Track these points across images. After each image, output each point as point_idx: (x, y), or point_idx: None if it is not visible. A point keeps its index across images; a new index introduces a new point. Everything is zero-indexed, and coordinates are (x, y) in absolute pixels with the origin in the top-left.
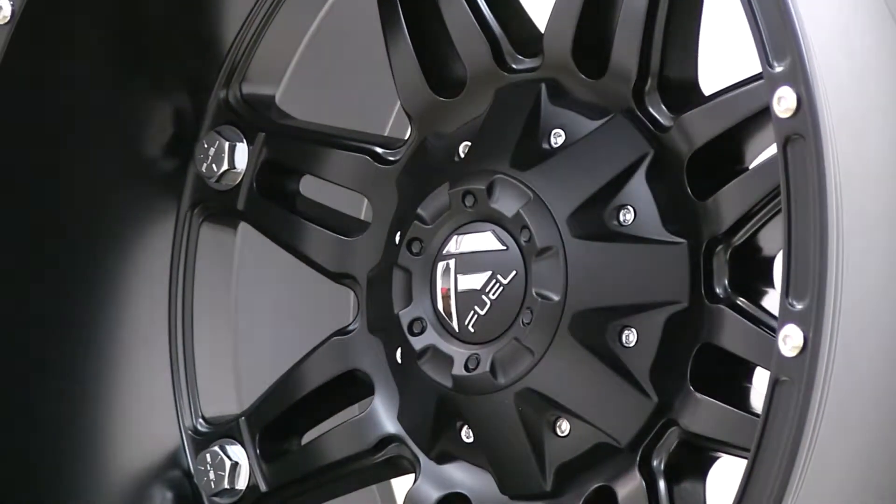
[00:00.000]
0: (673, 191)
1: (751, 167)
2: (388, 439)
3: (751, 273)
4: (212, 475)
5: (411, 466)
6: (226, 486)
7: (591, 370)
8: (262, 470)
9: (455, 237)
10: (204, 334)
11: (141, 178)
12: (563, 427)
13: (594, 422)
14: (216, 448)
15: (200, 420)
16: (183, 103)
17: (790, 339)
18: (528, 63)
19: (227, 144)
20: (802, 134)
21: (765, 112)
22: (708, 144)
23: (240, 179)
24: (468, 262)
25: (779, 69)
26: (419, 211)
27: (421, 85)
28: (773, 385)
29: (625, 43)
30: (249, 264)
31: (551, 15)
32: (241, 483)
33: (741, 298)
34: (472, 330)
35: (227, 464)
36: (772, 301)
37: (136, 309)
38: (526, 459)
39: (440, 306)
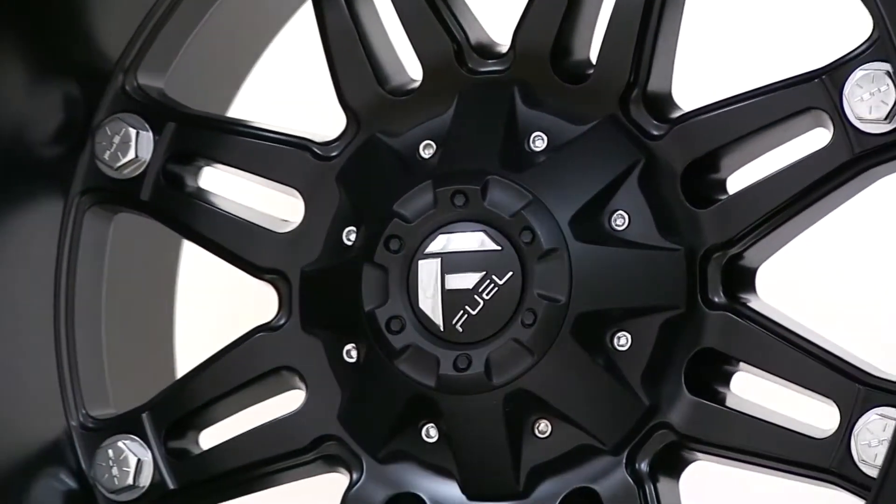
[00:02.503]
0: (668, 198)
1: (756, 181)
2: (323, 438)
3: (740, 281)
4: (111, 472)
5: (348, 466)
6: (127, 483)
7: (586, 373)
8: (170, 467)
9: (441, 236)
10: (90, 325)
11: (27, 163)
12: (543, 428)
13: (583, 424)
14: (118, 443)
15: (91, 415)
16: (76, 89)
17: None
18: (492, 65)
19: (133, 132)
20: None
21: (762, 128)
22: (706, 156)
23: (143, 169)
24: (458, 262)
25: None
26: (397, 209)
27: (369, 81)
28: None
29: (614, 50)
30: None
31: (528, 18)
32: (143, 480)
33: (740, 304)
34: (459, 330)
35: (128, 460)
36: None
37: (19, 297)
38: (500, 460)
39: (422, 305)
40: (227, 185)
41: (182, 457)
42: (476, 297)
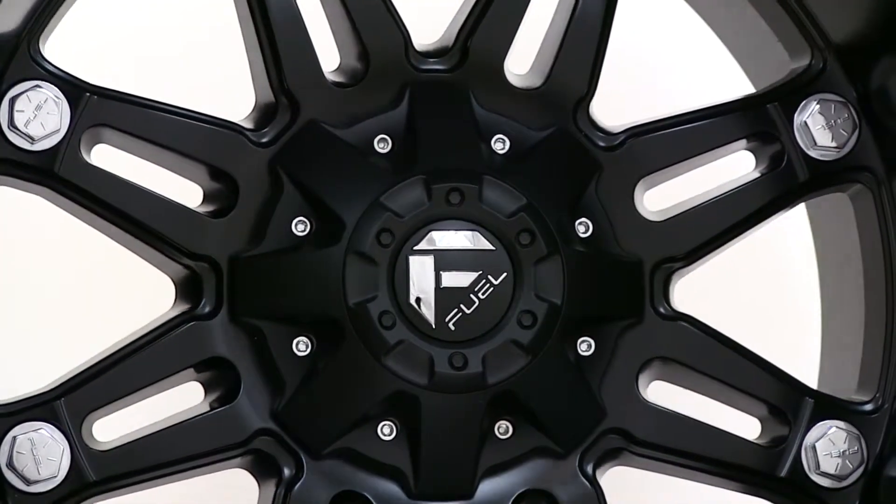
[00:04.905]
0: (624, 209)
1: (707, 201)
2: (258, 433)
3: (670, 293)
4: (33, 461)
5: (277, 463)
6: (49, 473)
7: (561, 376)
8: (90, 457)
9: (434, 233)
10: None
11: None
12: (504, 430)
13: (549, 426)
14: (39, 431)
15: None
16: None
17: None
18: (435, 64)
19: (55, 103)
20: None
21: (712, 149)
22: (659, 170)
23: (58, 141)
24: (453, 260)
25: None
26: (385, 202)
27: (315, 68)
28: None
29: (574, 61)
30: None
31: (484, 22)
32: (62, 471)
33: (686, 315)
34: (451, 328)
35: (52, 450)
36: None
37: None
38: (463, 459)
39: (413, 301)
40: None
41: (107, 447)
42: (472, 296)
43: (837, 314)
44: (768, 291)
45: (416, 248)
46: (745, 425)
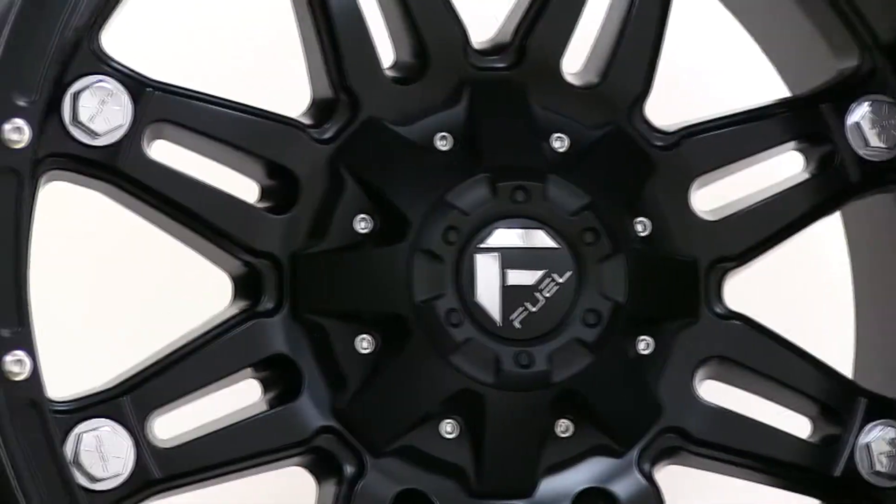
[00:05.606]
0: (680, 209)
1: (761, 201)
2: (319, 431)
3: (722, 293)
4: (100, 458)
5: (338, 461)
6: (116, 471)
7: (622, 375)
8: (154, 454)
9: (499, 231)
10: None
11: None
12: (563, 428)
13: (610, 425)
14: (104, 428)
15: (57, 398)
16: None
17: None
18: (494, 61)
19: (122, 98)
20: None
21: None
22: (713, 171)
23: (121, 136)
24: (518, 258)
25: None
26: (451, 199)
27: (375, 64)
28: None
29: (632, 59)
30: None
31: (543, 20)
32: (128, 468)
33: (740, 315)
34: (517, 326)
35: (119, 447)
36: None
37: None
38: (526, 458)
39: (479, 299)
40: None
41: (170, 445)
42: (537, 294)
43: (872, 314)
44: (799, 292)
45: (481, 245)
46: (792, 425)
